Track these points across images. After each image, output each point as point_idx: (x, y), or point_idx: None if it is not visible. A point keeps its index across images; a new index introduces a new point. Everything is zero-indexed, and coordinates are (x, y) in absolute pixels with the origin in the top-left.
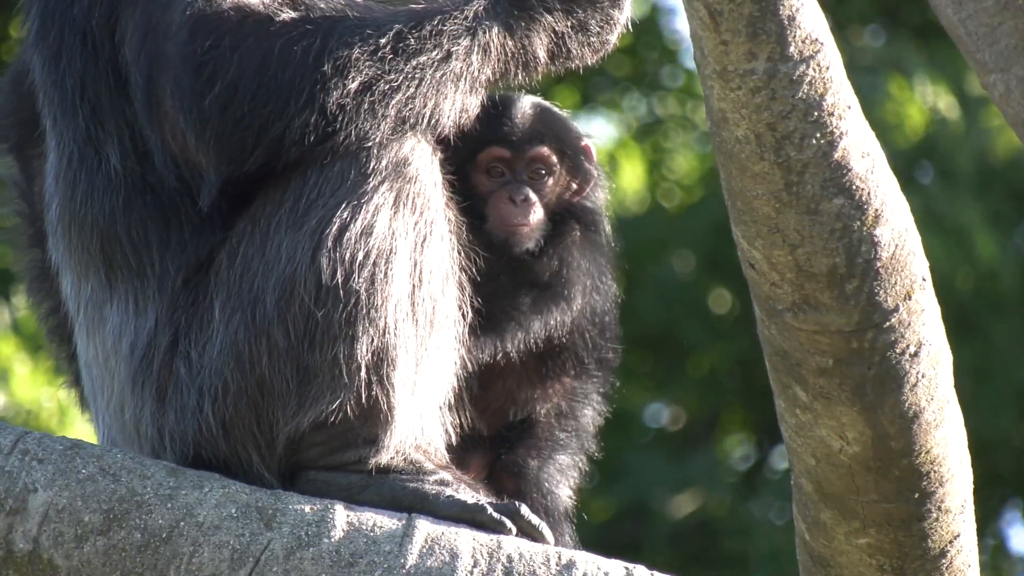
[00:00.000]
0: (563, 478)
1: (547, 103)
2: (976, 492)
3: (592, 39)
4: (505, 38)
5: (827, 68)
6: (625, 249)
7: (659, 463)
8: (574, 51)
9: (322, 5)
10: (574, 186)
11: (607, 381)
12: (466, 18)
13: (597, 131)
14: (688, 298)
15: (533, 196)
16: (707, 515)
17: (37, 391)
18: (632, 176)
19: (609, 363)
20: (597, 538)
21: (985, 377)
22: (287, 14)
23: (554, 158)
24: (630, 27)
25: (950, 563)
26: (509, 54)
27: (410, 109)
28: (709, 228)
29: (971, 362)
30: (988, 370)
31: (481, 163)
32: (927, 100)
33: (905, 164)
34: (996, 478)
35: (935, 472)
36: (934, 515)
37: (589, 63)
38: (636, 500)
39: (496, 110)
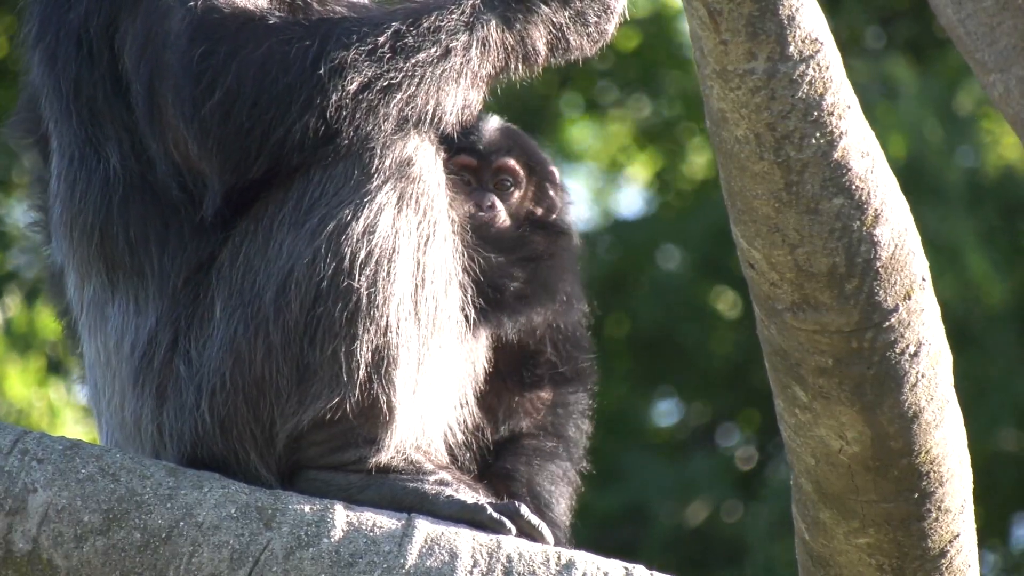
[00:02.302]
0: (555, 488)
1: (515, 126)
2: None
3: (590, 29)
4: (503, 32)
5: (827, 68)
6: (626, 250)
7: (657, 466)
8: (573, 42)
9: (319, 7)
10: (540, 210)
11: (587, 396)
12: (463, 13)
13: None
14: (688, 300)
15: (499, 204)
16: (706, 518)
17: (28, 391)
18: (637, 177)
19: (586, 376)
20: (594, 540)
21: (982, 392)
22: (285, 18)
23: (521, 172)
24: (627, 17)
25: (950, 563)
26: (509, 48)
27: (411, 107)
28: (710, 230)
29: (967, 377)
30: (984, 386)
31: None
32: (912, 120)
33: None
34: (998, 490)
35: (935, 472)
36: (933, 515)
37: (588, 54)
38: (634, 502)
39: (464, 123)
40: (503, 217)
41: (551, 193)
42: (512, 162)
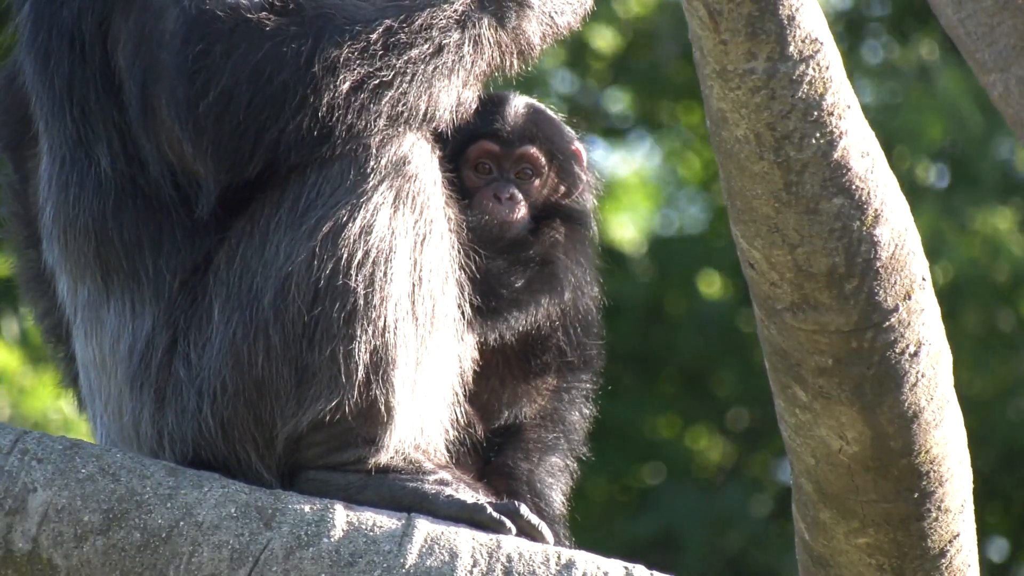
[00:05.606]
0: (554, 481)
1: (541, 105)
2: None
3: (575, 5)
4: (496, 30)
5: (827, 68)
6: (666, 272)
7: (694, 494)
8: (561, 24)
9: (313, 5)
10: (562, 189)
11: (592, 382)
12: (455, 11)
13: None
14: (725, 324)
15: (519, 195)
16: (741, 546)
17: (43, 403)
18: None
19: (593, 363)
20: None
21: (1015, 388)
22: (278, 17)
23: (543, 160)
24: None
25: (949, 563)
26: (504, 45)
27: (403, 105)
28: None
29: (1001, 370)
30: (1018, 380)
31: (470, 157)
32: (951, 106)
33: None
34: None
35: (934, 472)
36: (933, 515)
37: (575, 29)
38: (669, 530)
39: (489, 106)
40: (522, 209)
41: (574, 172)
42: (534, 151)
